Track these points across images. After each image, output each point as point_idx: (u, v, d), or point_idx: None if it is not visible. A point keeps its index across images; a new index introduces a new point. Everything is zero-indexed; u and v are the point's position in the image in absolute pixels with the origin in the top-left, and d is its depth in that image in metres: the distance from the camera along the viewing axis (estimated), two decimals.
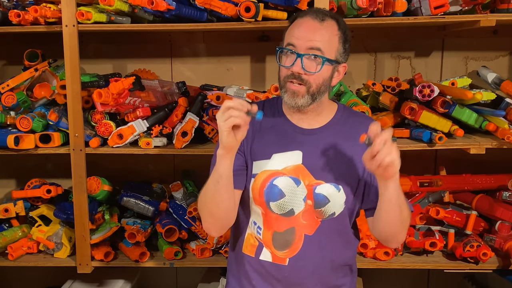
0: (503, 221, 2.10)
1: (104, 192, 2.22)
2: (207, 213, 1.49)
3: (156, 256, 2.25)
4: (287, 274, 1.53)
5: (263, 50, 2.44)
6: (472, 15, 1.98)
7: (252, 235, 1.56)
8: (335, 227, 1.53)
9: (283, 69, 1.46)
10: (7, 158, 2.27)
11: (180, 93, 2.30)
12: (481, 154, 2.00)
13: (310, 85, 1.44)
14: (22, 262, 2.23)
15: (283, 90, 1.47)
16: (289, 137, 1.52)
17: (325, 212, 1.49)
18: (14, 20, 2.03)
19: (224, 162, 1.37)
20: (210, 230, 1.54)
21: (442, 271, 2.18)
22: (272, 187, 1.48)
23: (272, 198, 1.48)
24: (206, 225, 1.52)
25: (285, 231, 1.51)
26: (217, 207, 1.45)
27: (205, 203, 1.47)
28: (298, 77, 1.43)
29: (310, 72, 1.43)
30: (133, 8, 2.02)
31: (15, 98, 2.13)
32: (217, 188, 1.40)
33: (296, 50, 1.43)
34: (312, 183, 1.48)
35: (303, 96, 1.44)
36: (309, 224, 1.50)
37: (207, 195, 1.45)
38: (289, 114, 1.55)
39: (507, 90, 2.18)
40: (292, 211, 1.48)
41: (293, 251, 1.52)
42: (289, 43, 1.45)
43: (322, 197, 1.48)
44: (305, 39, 1.42)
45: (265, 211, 1.51)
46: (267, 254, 1.54)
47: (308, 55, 1.42)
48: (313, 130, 1.53)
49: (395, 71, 2.44)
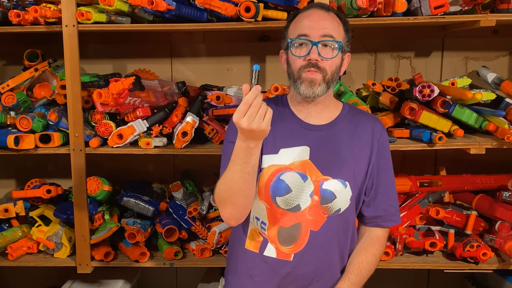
0: (503, 221, 2.10)
1: (104, 192, 2.21)
2: (231, 205, 1.45)
3: (156, 256, 2.25)
4: (291, 269, 1.54)
5: (263, 50, 2.44)
6: (472, 15, 1.97)
7: (256, 230, 1.56)
8: (340, 223, 1.54)
9: (297, 60, 1.47)
10: (7, 158, 2.27)
11: (180, 93, 2.30)
12: (481, 154, 2.00)
13: (326, 72, 1.46)
14: (22, 262, 2.23)
15: (299, 81, 1.47)
16: (296, 132, 1.52)
17: (331, 208, 1.50)
18: (14, 20, 2.03)
19: (257, 152, 1.33)
20: (230, 220, 1.50)
21: (442, 271, 2.18)
22: (278, 182, 1.48)
23: (279, 193, 1.48)
24: (228, 216, 1.48)
25: (291, 226, 1.51)
26: (245, 197, 1.43)
27: (230, 195, 1.42)
28: (315, 65, 1.45)
29: (327, 58, 1.45)
30: (133, 8, 2.02)
31: (15, 98, 2.13)
32: (247, 179, 1.37)
33: (310, 39, 1.44)
34: (319, 178, 1.49)
35: (319, 84, 1.46)
36: (315, 219, 1.51)
37: (233, 187, 1.40)
38: (297, 110, 1.56)
39: (507, 90, 2.18)
40: (299, 206, 1.49)
41: (299, 247, 1.52)
42: (300, 34, 1.46)
43: (329, 193, 1.49)
44: (317, 28, 1.45)
45: (270, 206, 1.51)
46: (271, 249, 1.54)
47: (322, 42, 1.45)
48: (321, 126, 1.54)
49: (395, 71, 2.44)
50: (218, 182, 1.47)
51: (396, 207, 1.63)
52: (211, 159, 1.60)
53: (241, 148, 1.32)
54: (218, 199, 1.47)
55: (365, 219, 1.62)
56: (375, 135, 1.55)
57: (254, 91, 1.24)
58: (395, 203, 1.63)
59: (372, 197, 1.58)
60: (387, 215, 1.60)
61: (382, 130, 1.59)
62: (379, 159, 1.56)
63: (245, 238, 1.58)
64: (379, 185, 1.57)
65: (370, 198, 1.58)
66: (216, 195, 1.48)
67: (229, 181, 1.40)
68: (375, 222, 1.61)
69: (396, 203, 1.63)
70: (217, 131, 2.14)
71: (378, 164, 1.56)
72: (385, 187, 1.58)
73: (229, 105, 2.18)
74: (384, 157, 1.57)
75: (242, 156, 1.33)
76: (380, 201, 1.58)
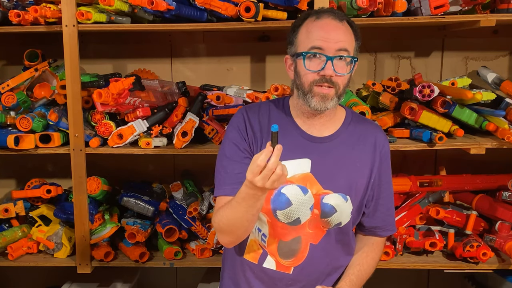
0: (503, 221, 2.09)
1: (104, 192, 2.22)
2: (231, 235, 1.45)
3: (156, 256, 2.25)
4: (290, 282, 1.53)
5: (263, 50, 2.43)
6: (472, 15, 1.97)
7: (256, 241, 1.54)
8: (340, 236, 1.53)
9: (309, 74, 1.41)
10: (7, 158, 2.27)
11: (180, 93, 2.30)
12: (481, 154, 2.00)
13: (338, 87, 1.42)
14: (22, 262, 2.23)
15: (310, 95, 1.42)
16: (298, 144, 1.49)
17: (331, 222, 1.48)
18: (14, 20, 2.03)
19: (264, 197, 1.31)
20: (228, 245, 1.53)
21: (442, 271, 2.18)
22: (279, 195, 1.44)
23: (279, 206, 1.45)
24: (226, 242, 1.49)
25: (291, 240, 1.50)
26: (246, 229, 1.43)
27: (232, 229, 1.42)
28: (329, 80, 1.40)
29: (342, 74, 1.41)
30: (133, 8, 2.02)
31: (15, 98, 2.12)
32: (251, 219, 1.37)
33: (325, 53, 1.39)
34: (320, 192, 1.47)
35: (332, 99, 1.42)
36: (315, 233, 1.50)
37: (235, 224, 1.39)
38: (299, 121, 1.52)
39: (507, 90, 2.18)
40: (299, 220, 1.45)
41: (299, 260, 1.51)
42: (314, 47, 1.40)
43: (329, 207, 1.46)
44: (332, 41, 1.39)
45: (271, 219, 1.49)
46: (271, 262, 1.52)
47: (337, 57, 1.40)
48: (323, 138, 1.51)
49: (395, 71, 2.44)
50: (221, 212, 1.43)
51: (393, 217, 1.64)
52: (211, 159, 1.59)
53: (248, 194, 1.29)
54: (218, 227, 1.46)
55: (364, 229, 1.62)
56: (378, 146, 1.54)
57: (265, 153, 1.21)
58: (393, 212, 1.64)
59: (373, 208, 1.57)
60: (385, 225, 1.60)
61: (384, 140, 1.57)
62: (381, 170, 1.54)
63: (244, 247, 1.56)
64: (380, 197, 1.56)
65: (370, 210, 1.57)
66: (217, 223, 1.45)
67: (232, 217, 1.38)
68: (373, 231, 1.61)
69: (393, 213, 1.64)
70: (217, 131, 2.14)
71: (380, 176, 1.54)
72: (385, 199, 1.58)
73: (229, 105, 2.18)
74: (386, 168, 1.56)
75: (248, 201, 1.31)
76: (380, 213, 1.58)
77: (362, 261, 1.56)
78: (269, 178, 1.21)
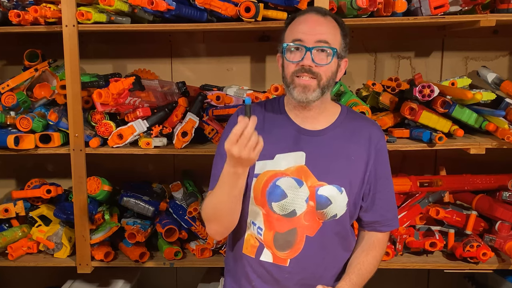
0: (503, 221, 2.10)
1: (104, 192, 2.22)
2: (217, 222, 1.50)
3: (156, 256, 2.25)
4: (287, 275, 1.53)
5: (263, 50, 2.44)
6: (472, 15, 1.97)
7: (253, 235, 1.56)
8: (336, 229, 1.54)
9: (290, 65, 1.46)
10: (7, 158, 2.27)
11: (180, 93, 2.30)
12: (481, 154, 2.00)
13: (320, 77, 1.45)
14: (22, 262, 2.23)
15: (291, 86, 1.47)
16: (292, 138, 1.52)
17: (327, 214, 1.49)
18: (14, 20, 2.03)
19: (244, 177, 1.39)
20: (216, 236, 1.57)
21: (442, 271, 2.18)
22: (274, 187, 1.48)
23: (274, 198, 1.48)
24: (213, 232, 1.54)
25: (287, 232, 1.51)
26: (231, 217, 1.48)
27: (216, 215, 1.48)
28: (309, 71, 1.43)
29: (321, 64, 1.44)
30: (133, 8, 2.02)
31: (15, 98, 2.13)
32: (234, 201, 1.44)
33: (305, 44, 1.43)
34: (314, 184, 1.49)
35: (314, 90, 1.45)
36: (311, 225, 1.50)
37: (219, 208, 1.46)
38: (293, 115, 1.55)
39: (507, 90, 2.18)
40: (294, 212, 1.48)
41: (295, 252, 1.52)
42: (295, 39, 1.45)
43: (324, 199, 1.48)
44: (312, 33, 1.44)
45: (266, 212, 1.51)
46: (268, 254, 1.54)
47: (317, 48, 1.43)
48: (317, 131, 1.53)
49: (395, 71, 2.44)
50: (206, 200, 1.51)
51: (394, 213, 1.63)
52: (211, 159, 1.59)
53: (229, 173, 1.36)
54: (205, 216, 1.52)
55: (363, 224, 1.62)
56: (373, 140, 1.54)
57: (242, 122, 1.27)
58: (394, 208, 1.63)
59: (370, 203, 1.57)
60: (385, 220, 1.60)
61: (380, 135, 1.57)
62: (377, 165, 1.55)
63: (242, 243, 1.58)
64: (376, 191, 1.56)
65: (368, 204, 1.57)
66: (203, 212, 1.53)
67: (216, 202, 1.46)
68: (373, 227, 1.61)
69: (394, 209, 1.63)
70: (217, 131, 2.14)
71: (376, 170, 1.55)
72: (383, 193, 1.57)
73: (229, 105, 2.18)
74: (382, 163, 1.57)
75: (229, 181, 1.38)
76: (378, 207, 1.58)
77: (362, 260, 1.56)
78: (246, 146, 1.27)
